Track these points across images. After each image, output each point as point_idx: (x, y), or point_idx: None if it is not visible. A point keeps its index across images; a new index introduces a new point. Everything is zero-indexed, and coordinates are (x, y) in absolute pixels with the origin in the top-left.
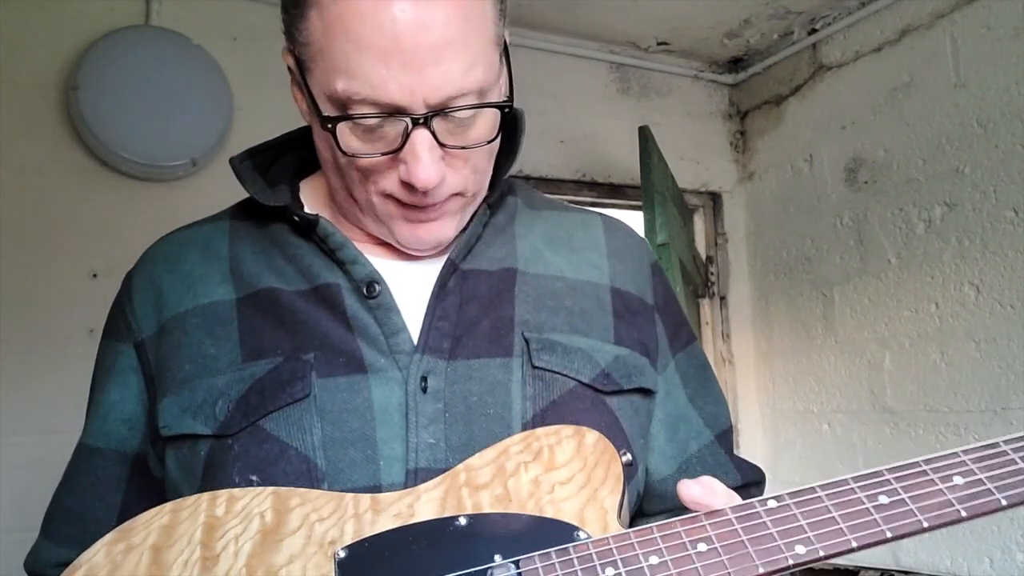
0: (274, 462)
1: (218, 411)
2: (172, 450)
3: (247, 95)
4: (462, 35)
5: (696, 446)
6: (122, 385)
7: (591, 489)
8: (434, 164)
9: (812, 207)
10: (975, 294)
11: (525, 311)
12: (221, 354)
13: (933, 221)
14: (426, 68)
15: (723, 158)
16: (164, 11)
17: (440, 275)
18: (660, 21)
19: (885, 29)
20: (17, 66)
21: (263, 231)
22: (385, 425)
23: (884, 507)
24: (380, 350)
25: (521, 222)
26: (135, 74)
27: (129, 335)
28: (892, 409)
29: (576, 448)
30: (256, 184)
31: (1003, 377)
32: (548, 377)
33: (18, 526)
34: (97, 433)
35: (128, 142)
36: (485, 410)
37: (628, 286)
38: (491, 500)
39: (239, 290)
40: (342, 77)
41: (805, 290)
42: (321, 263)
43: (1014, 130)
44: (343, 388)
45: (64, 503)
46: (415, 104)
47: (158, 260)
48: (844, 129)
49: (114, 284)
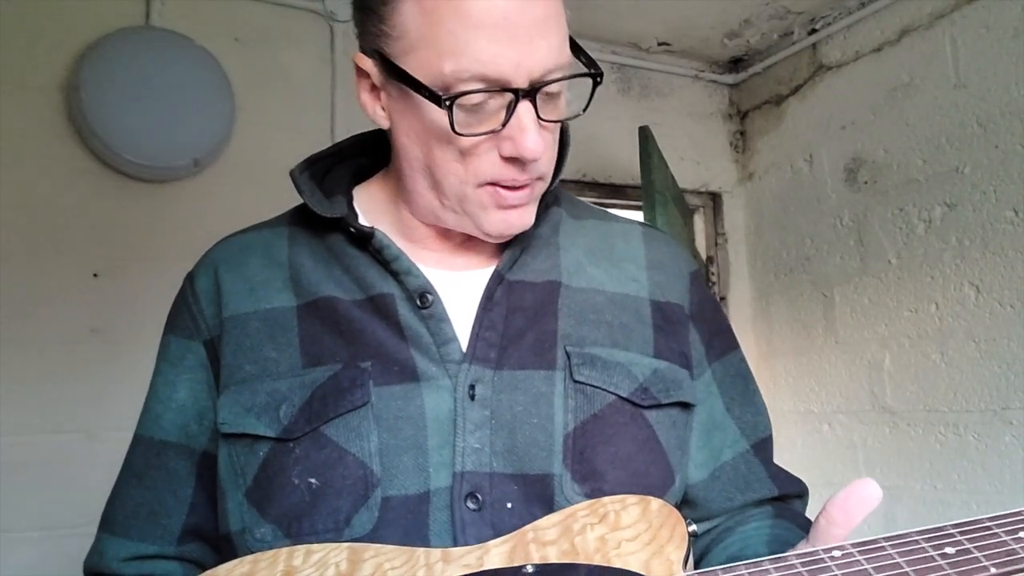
0: (333, 466)
1: (282, 415)
2: (226, 446)
3: (249, 95)
4: (556, 11)
5: (730, 454)
6: (192, 381)
7: (657, 545)
8: (539, 135)
9: (812, 207)
10: (975, 294)
11: (568, 325)
12: (282, 358)
13: (933, 221)
14: (533, 42)
15: (723, 158)
16: (165, 11)
17: (487, 286)
18: (661, 21)
19: (885, 29)
20: (19, 67)
21: (321, 240)
22: (436, 432)
23: (950, 556)
24: (432, 359)
25: (565, 233)
26: (137, 75)
27: (197, 333)
28: (892, 409)
29: (641, 512)
30: (314, 195)
31: (1003, 377)
32: (589, 391)
33: (18, 526)
34: (169, 427)
35: (130, 143)
36: (529, 419)
37: (667, 297)
38: (558, 554)
39: (299, 297)
40: (450, 57)
41: (805, 290)
42: (376, 273)
43: (1014, 130)
44: (398, 396)
45: (134, 497)
46: (519, 78)
47: (220, 261)
48: (844, 129)
49: (115, 284)
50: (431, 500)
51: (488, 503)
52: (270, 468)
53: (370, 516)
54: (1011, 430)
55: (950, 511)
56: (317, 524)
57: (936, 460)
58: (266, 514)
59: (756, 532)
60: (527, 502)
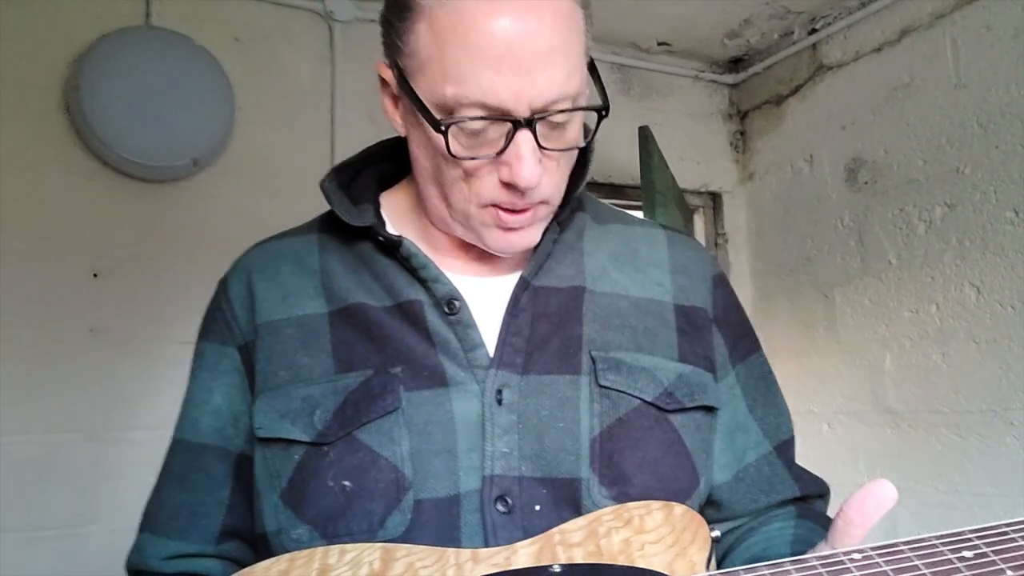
0: (366, 470)
1: (316, 420)
2: (262, 450)
3: (248, 95)
4: (565, 43)
5: (753, 456)
6: (228, 386)
7: (680, 547)
8: (535, 165)
9: (812, 207)
10: (976, 295)
11: (592, 330)
12: (315, 364)
13: (933, 221)
14: (533, 73)
15: (723, 158)
16: (165, 11)
17: (513, 292)
18: (661, 21)
19: (885, 29)
20: (18, 66)
21: (350, 247)
22: (465, 436)
23: (968, 560)
24: (460, 364)
25: (589, 238)
26: (136, 74)
27: (232, 338)
28: (893, 410)
29: (665, 517)
30: (343, 204)
31: (1004, 378)
32: (614, 395)
33: (18, 526)
34: (206, 431)
35: (129, 142)
36: (555, 423)
37: (691, 301)
38: (584, 555)
39: (330, 304)
40: (452, 83)
41: (806, 291)
42: (404, 280)
43: (1014, 130)
44: (428, 401)
45: (174, 498)
46: (520, 107)
47: (253, 268)
48: (844, 129)
49: (115, 284)
50: (461, 503)
51: (518, 506)
52: (305, 471)
53: (403, 518)
54: (1012, 431)
55: (951, 512)
56: (352, 525)
57: (937, 461)
58: (302, 515)
59: (779, 532)
60: (555, 505)
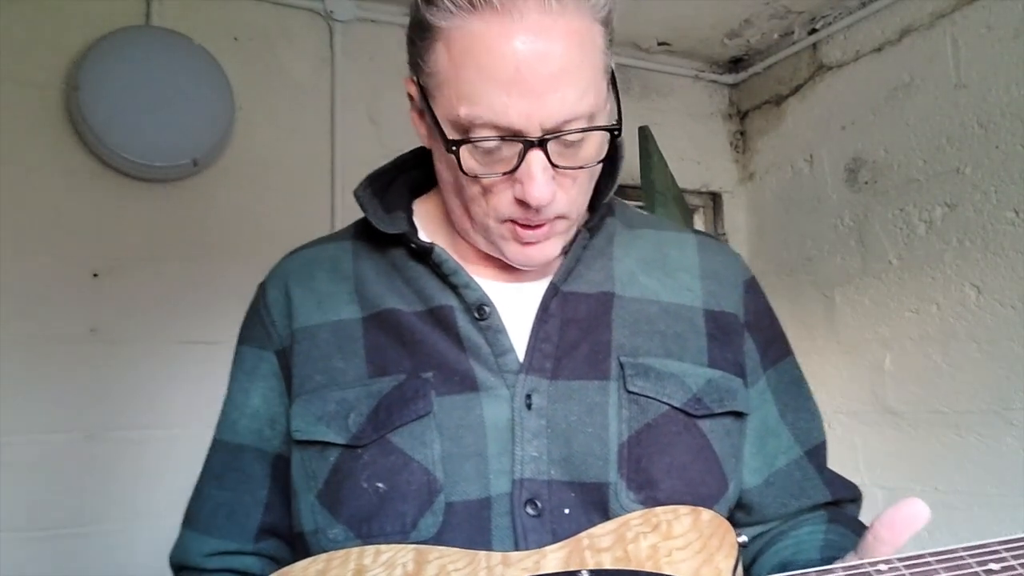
0: (399, 472)
1: (351, 423)
2: (299, 452)
3: (248, 95)
4: (577, 64)
5: (784, 460)
6: (266, 389)
7: (707, 554)
8: (547, 183)
9: (813, 207)
10: (976, 295)
11: (621, 335)
12: (349, 368)
13: (934, 222)
14: (543, 96)
15: (723, 158)
16: (165, 11)
17: (543, 297)
18: (661, 21)
19: (885, 29)
20: (18, 66)
21: (383, 254)
22: (495, 440)
23: (995, 572)
24: (490, 369)
25: (619, 244)
26: (136, 74)
27: (270, 343)
28: (894, 410)
29: (693, 523)
30: (376, 212)
31: (1005, 378)
32: (642, 401)
33: (18, 526)
34: (244, 432)
35: (129, 142)
36: (584, 429)
37: (721, 307)
38: (612, 560)
39: (364, 309)
40: (465, 103)
41: (806, 291)
42: (436, 286)
43: (1015, 130)
44: (459, 406)
45: (214, 497)
46: (531, 128)
47: (290, 274)
48: (844, 129)
49: (115, 284)
50: (492, 506)
51: (547, 509)
52: (340, 473)
53: (435, 520)
54: (1013, 431)
55: (951, 512)
56: (386, 526)
57: (938, 461)
58: (337, 515)
59: (810, 537)
60: (584, 509)
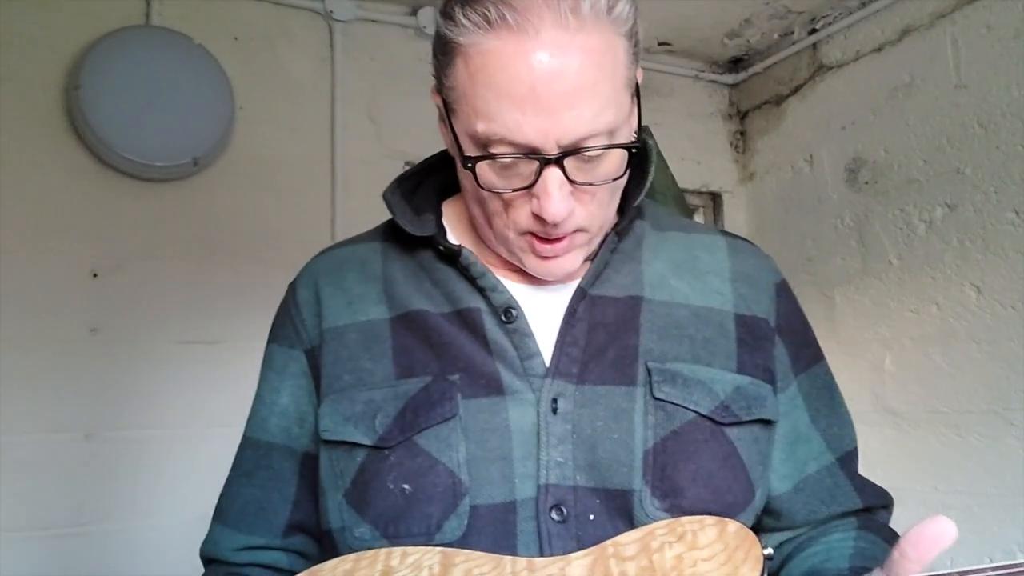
0: (424, 474)
1: (378, 424)
2: (327, 451)
3: (248, 95)
4: (594, 82)
5: (815, 467)
6: (295, 388)
7: (732, 566)
8: (563, 200)
9: (813, 207)
10: (976, 295)
11: (650, 340)
12: (377, 369)
13: (934, 222)
14: (559, 113)
15: (723, 158)
16: (165, 11)
17: (570, 302)
18: (661, 21)
19: (886, 29)
20: (18, 66)
21: (412, 255)
22: (521, 445)
23: None
24: (516, 373)
25: (648, 247)
26: (136, 74)
27: (299, 342)
28: (894, 410)
29: (718, 534)
30: (405, 215)
31: (1005, 378)
32: (669, 408)
33: (18, 525)
34: (273, 430)
35: (129, 142)
36: (610, 434)
37: (752, 311)
38: (636, 570)
39: (392, 310)
40: (483, 120)
41: (806, 291)
42: (463, 288)
43: (1015, 131)
44: (484, 409)
45: (244, 494)
46: (548, 145)
47: (320, 274)
48: (844, 129)
49: (115, 284)
50: (517, 510)
51: (572, 515)
52: (367, 473)
53: (459, 523)
54: (1013, 431)
55: (951, 513)
56: (412, 527)
57: (938, 461)
58: (364, 515)
59: (840, 544)
60: (609, 515)
